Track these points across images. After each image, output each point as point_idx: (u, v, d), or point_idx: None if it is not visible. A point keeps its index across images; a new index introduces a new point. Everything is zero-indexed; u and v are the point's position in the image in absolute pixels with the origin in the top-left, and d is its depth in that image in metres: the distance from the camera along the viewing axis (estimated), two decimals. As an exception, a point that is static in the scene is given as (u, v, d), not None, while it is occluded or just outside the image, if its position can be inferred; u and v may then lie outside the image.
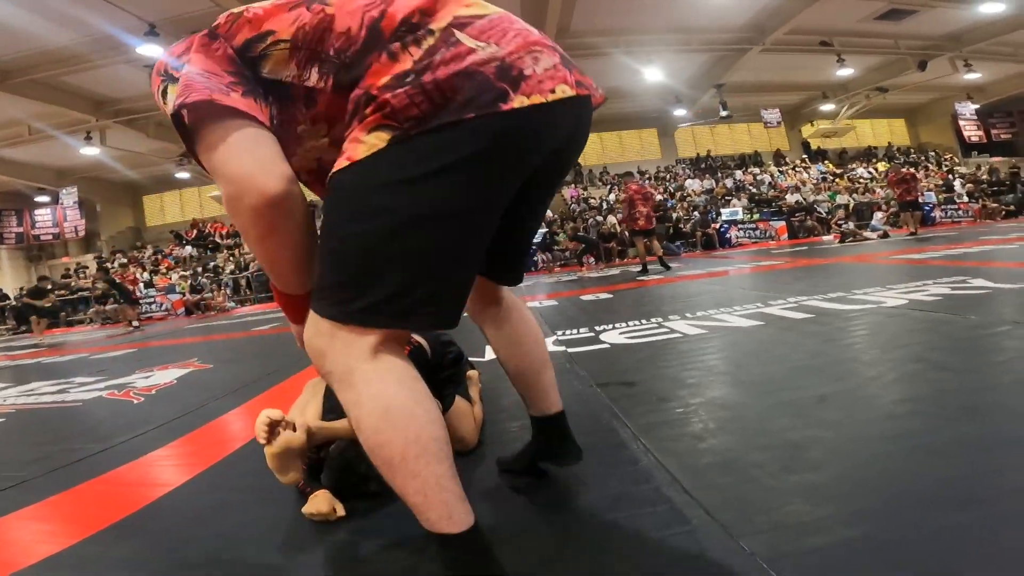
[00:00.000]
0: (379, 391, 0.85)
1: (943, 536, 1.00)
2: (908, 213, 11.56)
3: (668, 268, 8.86)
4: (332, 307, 0.87)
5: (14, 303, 11.38)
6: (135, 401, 3.22)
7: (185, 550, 1.29)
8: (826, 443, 1.47)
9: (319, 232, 0.92)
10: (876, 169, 20.42)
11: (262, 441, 1.31)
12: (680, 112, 18.85)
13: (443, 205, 0.84)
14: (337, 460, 1.41)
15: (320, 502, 1.34)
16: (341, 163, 0.86)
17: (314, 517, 1.33)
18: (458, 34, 0.86)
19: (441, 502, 0.85)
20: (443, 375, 1.82)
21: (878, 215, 14.51)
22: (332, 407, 1.51)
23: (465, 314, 1.07)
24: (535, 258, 14.55)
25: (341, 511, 1.34)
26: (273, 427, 1.30)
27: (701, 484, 1.31)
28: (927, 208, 12.70)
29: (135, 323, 10.21)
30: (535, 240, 1.20)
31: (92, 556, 1.29)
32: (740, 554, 1.03)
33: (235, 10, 0.95)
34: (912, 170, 13.03)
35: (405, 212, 0.83)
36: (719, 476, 1.35)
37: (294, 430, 1.32)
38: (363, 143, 0.84)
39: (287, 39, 0.91)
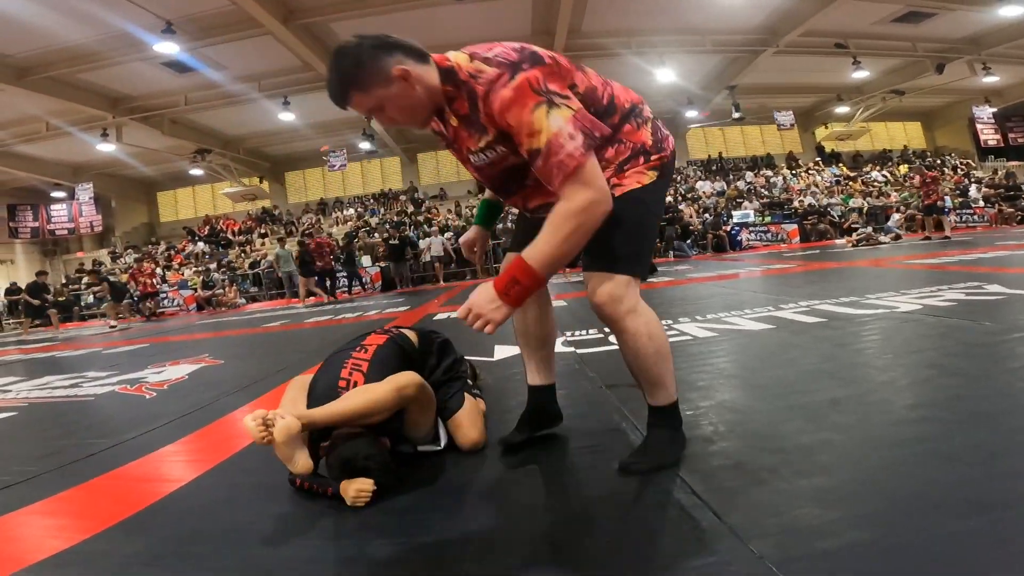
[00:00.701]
0: (651, 315, 1.42)
1: (954, 541, 0.99)
2: (931, 217, 11.44)
3: (655, 271, 8.97)
4: (631, 267, 1.38)
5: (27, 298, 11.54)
6: (147, 396, 3.25)
7: (193, 546, 1.29)
8: (837, 447, 1.46)
9: (616, 224, 1.29)
10: (893, 172, 20.19)
11: (260, 439, 1.32)
12: (692, 113, 18.74)
13: (663, 211, 1.61)
14: (336, 457, 1.41)
15: (355, 486, 1.36)
16: (634, 184, 1.37)
17: (357, 502, 1.35)
18: (660, 124, 1.46)
19: (672, 382, 1.47)
20: (437, 366, 1.80)
21: (895, 217, 14.36)
22: (316, 397, 1.54)
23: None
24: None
25: (370, 485, 1.37)
26: (265, 423, 1.33)
27: (710, 487, 1.31)
28: (944, 212, 12.55)
29: (112, 323, 10.27)
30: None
31: (101, 552, 1.29)
32: (749, 557, 1.02)
33: (543, 53, 1.28)
34: (934, 172, 12.87)
35: (656, 216, 1.46)
36: (728, 479, 1.35)
37: (283, 419, 1.34)
38: (646, 176, 1.39)
39: (581, 92, 1.30)
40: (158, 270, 17.07)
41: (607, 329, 3.66)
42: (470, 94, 1.27)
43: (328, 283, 12.73)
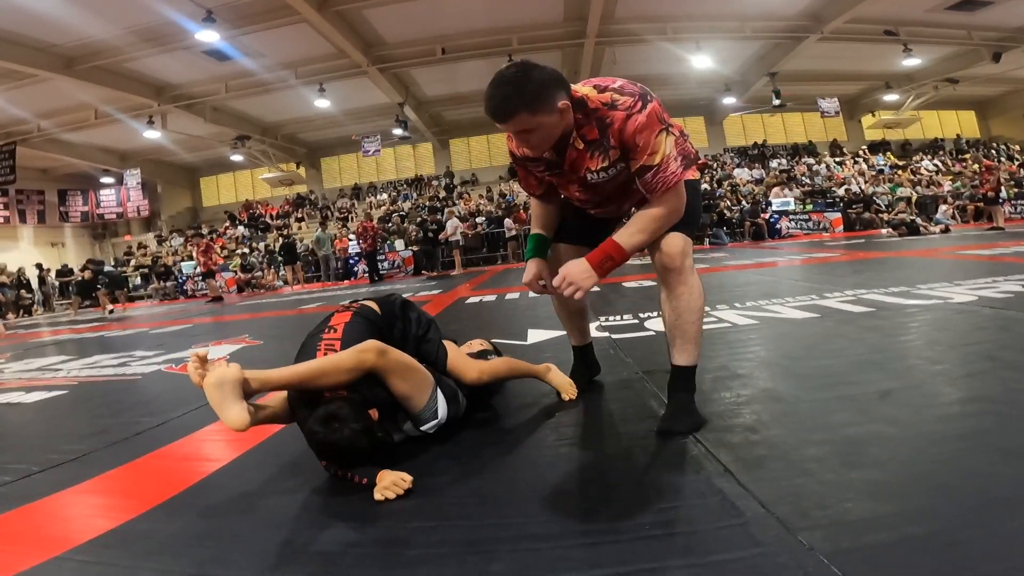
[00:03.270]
0: (699, 278, 1.65)
1: (1014, 538, 0.94)
2: (993, 207, 10.92)
3: None
4: (691, 233, 1.66)
5: (79, 279, 12.05)
6: (191, 374, 3.33)
7: (232, 526, 1.31)
8: (890, 440, 1.40)
9: (681, 203, 1.59)
10: (945, 161, 19.26)
11: (194, 379, 1.34)
12: (729, 100, 18.22)
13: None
14: (317, 415, 1.39)
15: (388, 481, 1.35)
16: (691, 175, 1.64)
17: (387, 494, 1.34)
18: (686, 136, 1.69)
19: (699, 346, 1.67)
20: (407, 327, 1.78)
21: (943, 208, 13.75)
22: None
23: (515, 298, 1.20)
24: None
25: (408, 480, 1.36)
26: (203, 361, 1.35)
27: (755, 476, 1.27)
28: (998, 203, 11.92)
29: (110, 308, 10.60)
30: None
31: (144, 533, 1.31)
32: (798, 548, 0.99)
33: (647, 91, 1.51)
34: (991, 162, 12.24)
35: (699, 197, 1.76)
36: (774, 469, 1.31)
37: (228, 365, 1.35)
38: (695, 173, 1.76)
39: (674, 129, 1.59)
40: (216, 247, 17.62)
41: (642, 314, 3.64)
42: (599, 120, 1.47)
43: (371, 265, 12.99)
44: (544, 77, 1.40)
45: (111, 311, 10.46)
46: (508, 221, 15.44)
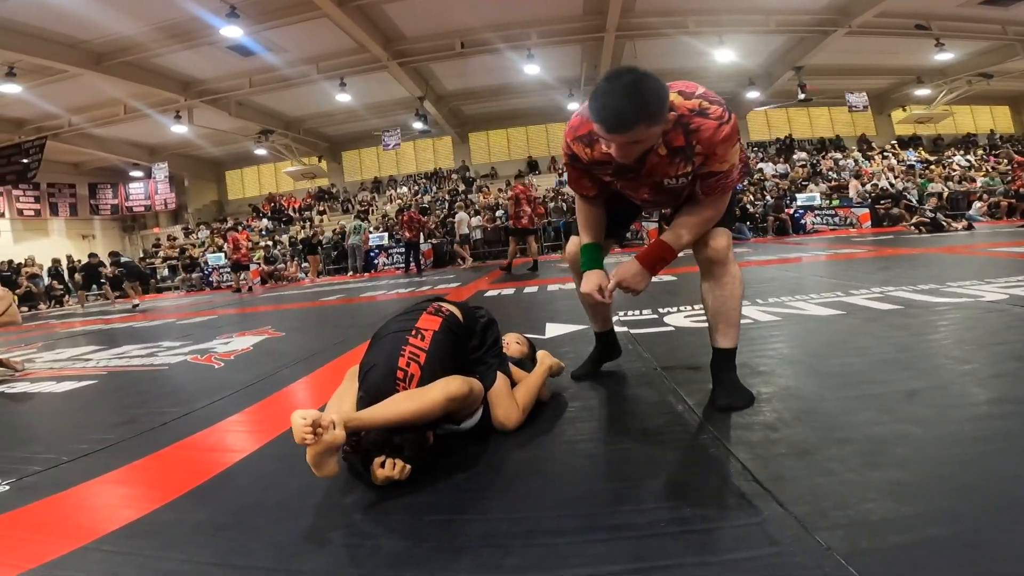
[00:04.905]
0: (738, 267, 1.75)
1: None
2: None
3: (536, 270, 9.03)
4: (731, 226, 1.76)
5: (110, 271, 12.40)
6: (216, 366, 3.41)
7: (254, 517, 1.34)
8: (914, 440, 1.37)
9: (725, 204, 1.68)
10: (977, 156, 18.69)
11: (300, 440, 1.25)
12: (753, 95, 17.87)
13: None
14: (371, 436, 1.40)
15: (383, 472, 1.36)
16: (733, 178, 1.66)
17: (381, 480, 1.36)
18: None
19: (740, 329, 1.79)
20: (479, 346, 1.75)
21: (976, 204, 13.35)
22: (372, 385, 1.52)
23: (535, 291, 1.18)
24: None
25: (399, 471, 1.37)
26: (315, 428, 1.26)
27: (773, 475, 1.26)
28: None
29: (136, 302, 10.80)
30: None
31: (169, 523, 1.34)
32: (816, 548, 0.98)
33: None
34: (1022, 158, 11.85)
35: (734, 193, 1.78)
36: (793, 468, 1.29)
37: (334, 427, 1.29)
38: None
39: None
40: (227, 246, 17.96)
41: (661, 309, 3.61)
42: (684, 127, 1.46)
43: (413, 255, 13.06)
44: (659, 87, 1.35)
45: (137, 304, 10.73)
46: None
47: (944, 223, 10.71)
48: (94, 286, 12.55)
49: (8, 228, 18.81)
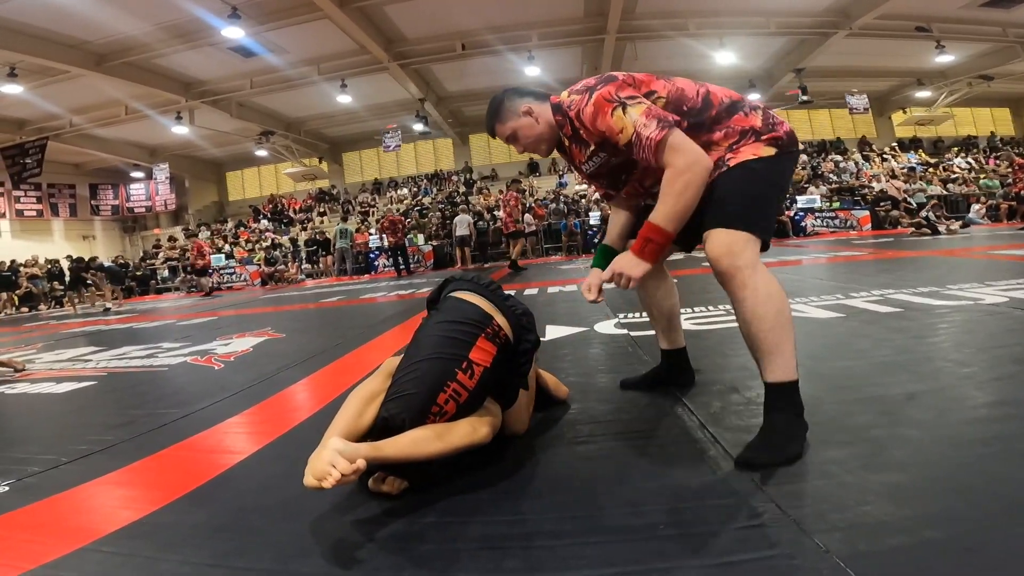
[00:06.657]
0: (770, 276, 1.44)
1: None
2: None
3: (517, 271, 9.80)
4: (748, 225, 1.46)
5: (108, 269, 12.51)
6: (215, 367, 3.40)
7: (252, 519, 1.34)
8: (912, 443, 1.37)
9: (731, 188, 1.49)
10: (979, 159, 18.69)
11: (324, 486, 1.17)
12: (753, 96, 17.91)
13: (785, 186, 1.63)
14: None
15: (384, 488, 1.36)
16: (749, 155, 1.51)
17: (378, 490, 1.36)
18: (771, 112, 1.60)
19: (793, 356, 1.44)
20: (514, 368, 1.65)
21: (975, 207, 13.36)
22: (394, 393, 1.44)
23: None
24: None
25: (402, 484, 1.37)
26: (344, 476, 1.18)
27: (772, 478, 1.26)
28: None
29: (108, 305, 10.79)
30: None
31: (168, 524, 1.34)
32: (814, 551, 0.98)
33: (617, 74, 1.57)
34: (1022, 160, 11.85)
35: (779, 186, 1.59)
36: (791, 470, 1.29)
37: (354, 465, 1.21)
38: (763, 150, 1.52)
39: (664, 96, 1.55)
40: (226, 246, 17.97)
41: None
42: (569, 119, 1.62)
43: (400, 259, 13.13)
44: (502, 95, 1.70)
45: (108, 307, 10.74)
46: (528, 216, 15.43)
47: (939, 226, 10.71)
48: (81, 288, 12.61)
49: (8, 228, 18.83)
